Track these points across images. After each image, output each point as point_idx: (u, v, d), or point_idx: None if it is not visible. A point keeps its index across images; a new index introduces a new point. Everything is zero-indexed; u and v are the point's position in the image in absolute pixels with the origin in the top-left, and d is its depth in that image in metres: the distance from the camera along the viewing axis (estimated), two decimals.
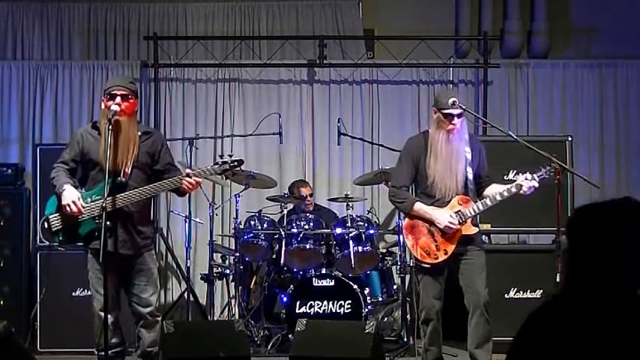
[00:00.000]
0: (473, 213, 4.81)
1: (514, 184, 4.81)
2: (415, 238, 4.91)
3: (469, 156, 4.86)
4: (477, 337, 4.85)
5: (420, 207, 4.86)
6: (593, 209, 2.29)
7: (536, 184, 4.77)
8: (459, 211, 4.80)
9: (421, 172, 4.89)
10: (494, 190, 4.88)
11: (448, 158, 4.80)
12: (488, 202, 4.83)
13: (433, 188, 4.84)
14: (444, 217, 4.79)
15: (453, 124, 4.79)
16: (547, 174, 4.79)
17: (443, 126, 4.82)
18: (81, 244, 4.76)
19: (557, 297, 2.24)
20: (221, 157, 4.86)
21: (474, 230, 4.86)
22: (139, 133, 4.78)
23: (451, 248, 4.83)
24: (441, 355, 5.06)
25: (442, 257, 4.84)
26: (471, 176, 4.86)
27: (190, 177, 4.65)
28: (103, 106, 4.79)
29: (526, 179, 4.76)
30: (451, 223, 4.76)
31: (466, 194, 4.85)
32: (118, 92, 4.70)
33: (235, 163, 4.73)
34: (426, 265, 4.87)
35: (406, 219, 5.02)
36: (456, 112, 4.78)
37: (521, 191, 4.77)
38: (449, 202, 4.84)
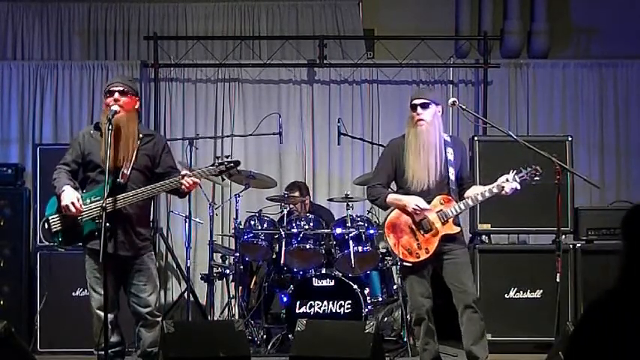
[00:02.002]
0: (455, 212, 4.83)
1: (495, 184, 4.81)
2: (397, 237, 4.91)
3: (451, 157, 4.88)
4: (472, 333, 4.84)
5: (392, 197, 4.91)
6: None
7: (518, 186, 4.77)
8: (441, 210, 4.82)
9: (401, 170, 4.92)
10: (476, 191, 4.90)
11: (417, 150, 4.82)
12: (470, 202, 4.87)
13: (409, 182, 4.86)
14: (412, 200, 4.81)
15: (418, 114, 4.83)
16: (528, 175, 4.80)
17: (411, 120, 4.89)
18: (80, 244, 4.77)
19: (611, 294, 2.18)
20: (218, 158, 4.86)
21: (455, 229, 4.86)
22: (141, 135, 4.78)
23: (433, 247, 4.83)
24: (438, 354, 5.03)
25: (424, 256, 4.84)
26: (453, 177, 4.88)
27: (187, 177, 4.66)
28: (104, 106, 4.81)
29: (507, 180, 4.77)
30: (417, 205, 4.77)
31: (448, 194, 4.86)
32: (116, 88, 4.72)
33: (232, 164, 4.74)
34: (408, 264, 4.87)
35: (387, 218, 5.01)
36: (418, 102, 4.84)
37: (503, 192, 4.79)
38: (426, 196, 4.83)
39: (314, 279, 6.13)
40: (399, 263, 6.36)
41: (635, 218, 2.20)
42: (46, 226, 4.74)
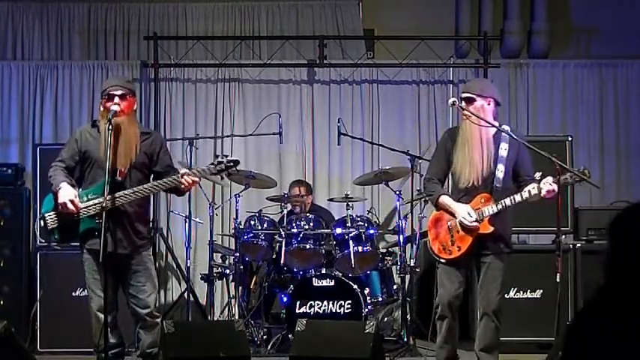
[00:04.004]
0: (490, 212, 4.73)
1: (534, 186, 4.70)
2: (436, 232, 4.89)
3: (504, 152, 4.78)
4: (484, 341, 4.83)
5: (444, 200, 4.85)
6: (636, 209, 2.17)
7: (556, 188, 4.66)
8: (479, 209, 4.75)
9: (451, 162, 4.87)
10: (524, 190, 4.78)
11: (463, 145, 4.78)
12: (508, 203, 4.73)
13: (456, 175, 4.82)
14: (462, 210, 4.76)
15: (462, 108, 4.81)
16: (571, 179, 4.71)
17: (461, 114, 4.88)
18: (77, 243, 4.76)
19: (595, 303, 2.17)
20: (217, 157, 4.85)
21: (489, 229, 4.76)
22: (138, 133, 4.79)
23: (465, 245, 4.77)
24: (455, 354, 4.97)
25: (456, 253, 4.80)
26: (500, 174, 4.76)
27: (187, 176, 4.66)
28: (102, 108, 4.80)
29: (545, 182, 4.66)
30: (464, 218, 4.73)
31: (490, 192, 4.75)
32: (116, 92, 4.71)
33: (231, 163, 4.73)
34: (442, 260, 4.86)
35: (433, 212, 5.00)
36: (463, 96, 4.83)
37: (542, 194, 4.67)
38: (472, 193, 4.76)
39: (314, 279, 6.13)
40: (398, 263, 6.41)
41: (623, 220, 2.19)
42: (42, 223, 4.74)
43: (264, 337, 6.24)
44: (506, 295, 6.13)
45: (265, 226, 6.40)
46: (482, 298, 4.84)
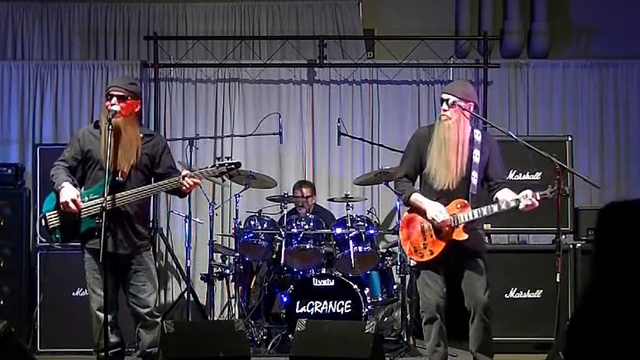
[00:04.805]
0: (466, 219, 4.70)
1: (513, 198, 4.69)
2: (408, 233, 4.87)
3: (477, 159, 4.75)
4: (478, 341, 4.81)
5: (416, 198, 4.82)
6: (629, 206, 2.16)
7: (536, 203, 4.64)
8: (454, 214, 4.72)
9: (424, 163, 4.84)
10: (501, 197, 4.75)
11: (439, 146, 4.74)
12: (484, 212, 4.70)
13: (430, 178, 4.78)
14: (434, 208, 4.72)
15: (443, 109, 4.78)
16: (550, 194, 4.66)
17: (440, 114, 4.84)
18: (78, 243, 4.76)
19: (588, 303, 2.15)
20: (219, 159, 4.86)
21: (464, 237, 4.72)
22: (141, 135, 4.78)
23: (438, 250, 4.75)
24: (446, 357, 4.94)
25: (427, 257, 4.78)
26: (475, 180, 4.74)
27: (188, 178, 4.66)
28: (103, 107, 4.82)
29: (526, 196, 4.63)
30: (437, 216, 4.70)
31: (466, 198, 4.73)
32: (115, 93, 4.72)
33: (233, 165, 4.74)
34: (412, 262, 4.86)
35: (406, 213, 4.98)
36: (444, 97, 4.78)
37: (520, 207, 4.65)
38: (447, 196, 4.74)
39: (314, 279, 6.14)
40: (398, 263, 6.42)
41: (610, 218, 2.18)
42: (43, 222, 4.74)
43: (264, 337, 6.25)
44: (506, 295, 6.16)
45: (265, 226, 6.40)
46: (469, 299, 4.80)
